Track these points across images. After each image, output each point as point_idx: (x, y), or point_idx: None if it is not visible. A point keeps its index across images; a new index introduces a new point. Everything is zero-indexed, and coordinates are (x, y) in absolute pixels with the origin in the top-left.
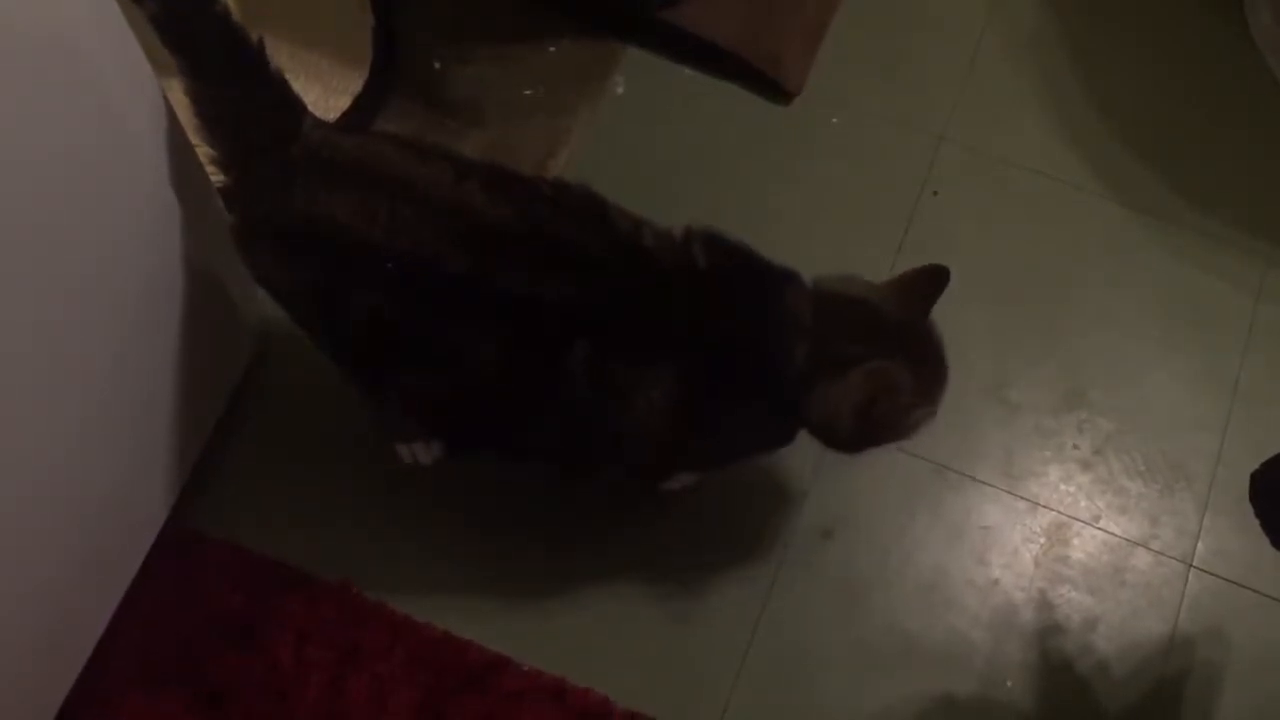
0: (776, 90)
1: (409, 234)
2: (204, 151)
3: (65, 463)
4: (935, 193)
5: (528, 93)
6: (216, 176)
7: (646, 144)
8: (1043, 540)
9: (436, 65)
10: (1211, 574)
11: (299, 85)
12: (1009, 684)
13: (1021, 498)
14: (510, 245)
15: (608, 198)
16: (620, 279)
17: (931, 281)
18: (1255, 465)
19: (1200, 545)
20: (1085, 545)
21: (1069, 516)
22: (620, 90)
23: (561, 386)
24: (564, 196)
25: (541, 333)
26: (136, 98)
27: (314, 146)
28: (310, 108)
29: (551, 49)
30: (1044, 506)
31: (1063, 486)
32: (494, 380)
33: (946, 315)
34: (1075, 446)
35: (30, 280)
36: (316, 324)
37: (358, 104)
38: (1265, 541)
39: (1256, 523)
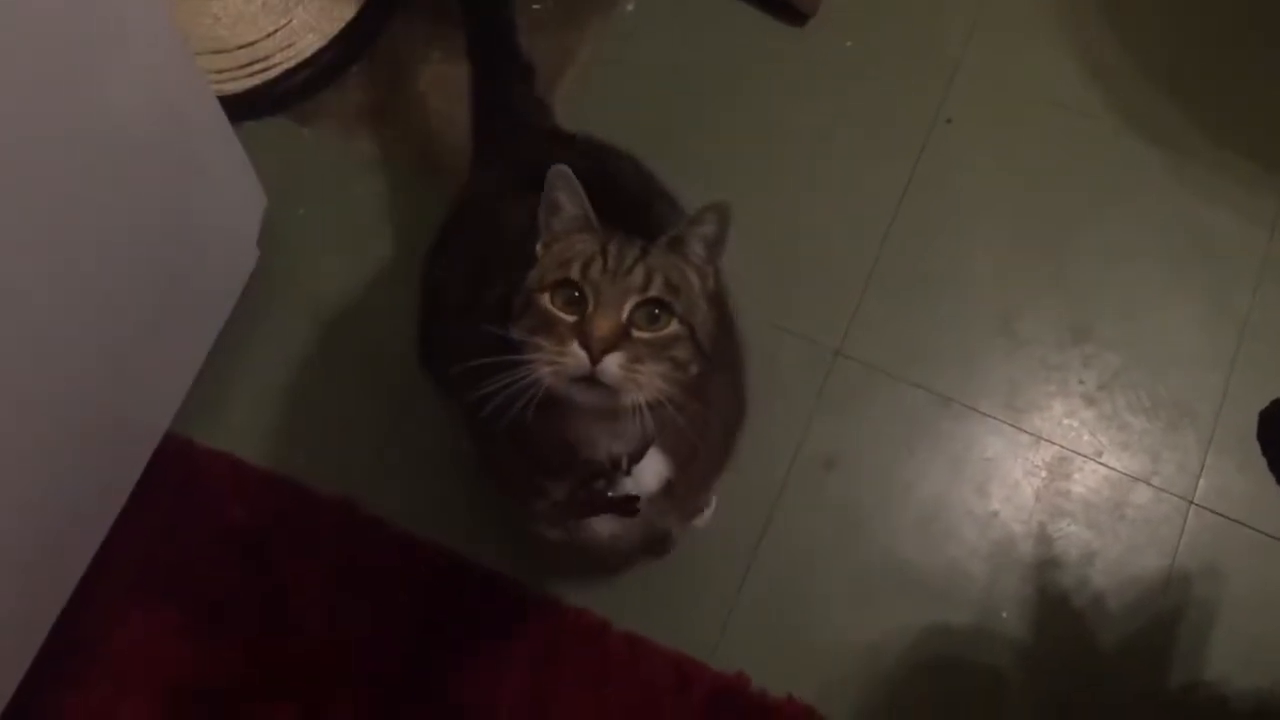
0: (790, 12)
1: None
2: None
3: (64, 369)
4: (949, 120)
5: (536, 7)
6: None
7: (657, 63)
8: (1044, 474)
9: None
10: (1212, 511)
11: None
12: (1005, 615)
13: (1024, 431)
14: None
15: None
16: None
17: None
18: (1262, 403)
19: (1202, 482)
20: (1086, 480)
21: (1071, 451)
22: (631, 8)
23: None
24: None
25: None
26: None
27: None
28: (314, 20)
29: None
30: (1046, 440)
31: (1066, 421)
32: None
33: (953, 245)
34: (1080, 381)
35: (29, 167)
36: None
37: (363, 15)
38: (1267, 480)
39: (1259, 461)
